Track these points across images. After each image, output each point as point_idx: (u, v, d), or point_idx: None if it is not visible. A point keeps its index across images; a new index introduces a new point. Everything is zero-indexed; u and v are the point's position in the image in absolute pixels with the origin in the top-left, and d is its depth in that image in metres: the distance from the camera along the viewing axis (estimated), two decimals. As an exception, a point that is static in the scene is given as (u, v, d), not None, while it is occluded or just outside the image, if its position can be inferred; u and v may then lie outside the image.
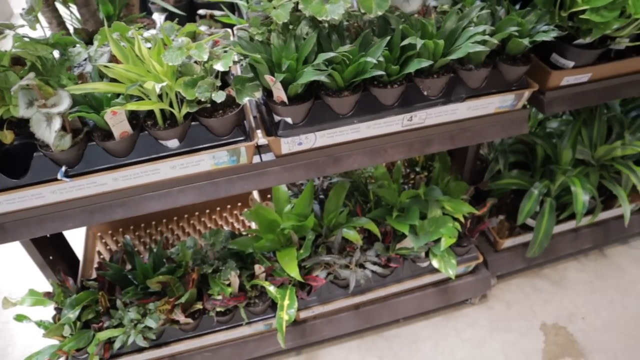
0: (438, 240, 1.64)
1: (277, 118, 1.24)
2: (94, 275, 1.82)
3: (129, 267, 1.74)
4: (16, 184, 1.17)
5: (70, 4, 1.76)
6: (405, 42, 1.16)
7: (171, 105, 1.15)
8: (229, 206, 2.11)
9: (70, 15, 1.88)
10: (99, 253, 1.94)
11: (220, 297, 1.55)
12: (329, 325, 1.78)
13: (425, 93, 1.29)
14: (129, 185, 1.24)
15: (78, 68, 1.27)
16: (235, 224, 2.07)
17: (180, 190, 1.28)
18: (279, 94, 1.18)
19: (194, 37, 1.32)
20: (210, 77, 1.12)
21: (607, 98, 1.55)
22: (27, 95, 1.10)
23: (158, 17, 2.81)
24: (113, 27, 1.16)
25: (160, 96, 1.14)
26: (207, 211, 2.09)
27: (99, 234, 2.02)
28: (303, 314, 1.74)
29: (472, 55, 1.29)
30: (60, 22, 1.76)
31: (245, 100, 1.14)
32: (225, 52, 1.13)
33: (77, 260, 1.85)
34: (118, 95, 1.16)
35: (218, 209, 2.09)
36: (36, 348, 1.54)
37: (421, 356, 1.79)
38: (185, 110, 1.15)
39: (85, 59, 1.25)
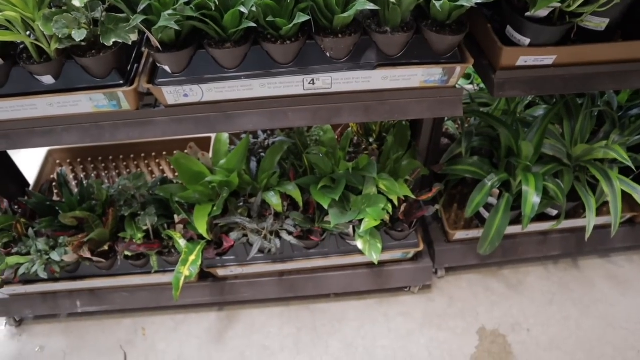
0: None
1: (158, 65, 1.15)
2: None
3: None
4: None
5: None
6: (282, -9, 1.01)
7: (42, 38, 1.09)
8: (185, 151, 2.06)
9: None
10: (52, 179, 1.98)
11: (127, 241, 1.53)
12: (250, 287, 1.73)
13: (327, 54, 1.14)
14: (8, 118, 1.21)
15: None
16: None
17: (64, 129, 1.23)
18: (152, 38, 1.08)
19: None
20: (75, 12, 1.04)
21: (576, 88, 1.30)
22: None
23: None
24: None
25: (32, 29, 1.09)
26: (164, 153, 2.06)
27: (57, 161, 2.06)
28: (222, 272, 1.69)
29: (388, 16, 1.11)
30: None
31: (111, 42, 1.06)
32: (90, -15, 1.04)
33: (27, 184, 1.90)
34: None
35: (175, 151, 2.05)
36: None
37: (340, 336, 1.70)
38: (54, 45, 1.09)
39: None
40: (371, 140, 1.81)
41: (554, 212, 1.72)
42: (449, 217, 1.79)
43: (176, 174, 2.01)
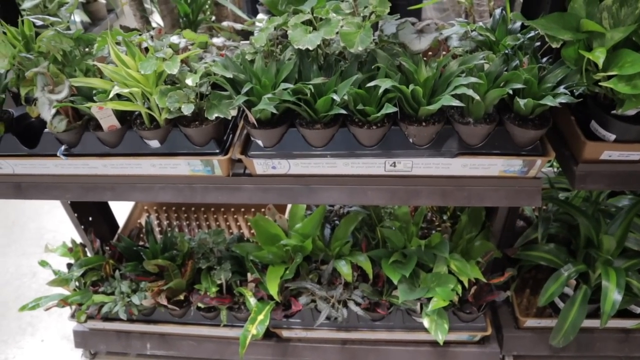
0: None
1: (252, 138, 1.25)
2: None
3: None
4: (28, 152, 1.35)
5: (154, -1, 1.94)
6: (373, 83, 1.08)
7: (155, 108, 1.23)
8: (262, 209, 2.16)
9: (152, 8, 2.08)
10: (140, 225, 2.14)
11: (201, 293, 1.61)
12: (312, 351, 1.75)
13: (410, 140, 1.19)
14: (117, 173, 1.35)
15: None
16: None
17: (161, 187, 1.36)
18: (250, 115, 1.18)
19: (206, 47, 1.38)
20: (186, 89, 1.17)
21: (666, 187, 1.27)
22: (42, 80, 1.26)
23: (264, 18, 2.94)
24: (114, 32, 1.26)
25: (147, 99, 1.23)
26: (242, 210, 2.17)
27: (145, 207, 2.22)
28: (286, 333, 1.73)
29: (472, 108, 1.16)
30: (142, 16, 1.96)
31: (214, 117, 1.17)
32: (200, 70, 1.17)
33: (117, 227, 2.06)
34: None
35: (252, 210, 2.16)
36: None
37: (398, 414, 1.66)
38: (165, 115, 1.22)
39: (108, 54, 1.38)
40: (445, 217, 1.82)
41: (638, 310, 1.63)
42: (520, 302, 1.74)
43: (252, 231, 2.10)
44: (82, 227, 1.82)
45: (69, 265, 1.72)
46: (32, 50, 1.35)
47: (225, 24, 1.45)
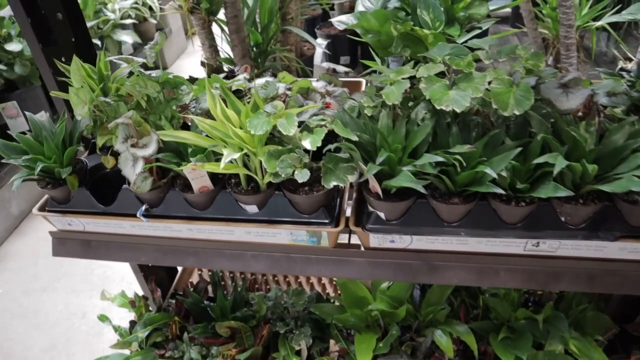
0: (550, 384, 1.31)
1: (370, 208, 1.07)
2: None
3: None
4: (103, 210, 1.19)
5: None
6: (542, 159, 0.89)
7: (258, 170, 1.05)
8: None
9: (222, 38, 1.91)
10: (199, 269, 1.96)
11: (281, 365, 1.44)
12: None
13: (562, 219, 1.00)
14: (203, 238, 1.18)
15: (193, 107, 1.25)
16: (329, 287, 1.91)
17: (253, 255, 1.18)
18: (374, 184, 1.00)
19: (307, 93, 1.21)
20: (298, 151, 0.99)
21: None
22: (125, 131, 1.09)
23: (321, 43, 2.79)
24: (212, 78, 1.09)
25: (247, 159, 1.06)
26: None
27: (203, 249, 2.05)
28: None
29: (642, 186, 0.97)
30: (212, 45, 1.80)
31: (332, 185, 0.99)
32: (321, 126, 0.99)
33: (176, 272, 1.89)
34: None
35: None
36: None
37: None
38: (268, 179, 1.04)
39: (192, 100, 1.21)
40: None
41: None
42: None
43: (333, 286, 1.91)
44: (142, 274, 1.66)
45: (132, 324, 1.55)
46: (109, 93, 1.19)
47: (324, 64, 1.27)
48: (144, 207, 1.15)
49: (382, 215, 1.05)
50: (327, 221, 1.08)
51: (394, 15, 1.25)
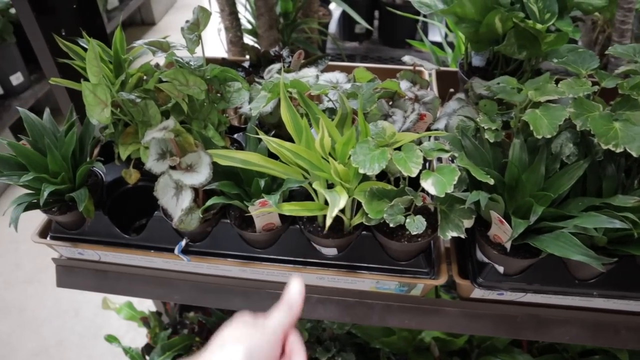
0: None
1: (481, 257, 0.85)
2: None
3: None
4: (128, 241, 0.92)
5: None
6: None
7: (348, 209, 0.80)
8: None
9: (245, 7, 1.59)
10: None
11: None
12: None
13: None
14: (258, 279, 0.94)
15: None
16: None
17: (319, 300, 0.95)
18: (500, 234, 0.78)
19: (392, 98, 0.94)
20: (410, 190, 0.75)
21: None
22: (161, 144, 0.82)
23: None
24: (290, 84, 0.81)
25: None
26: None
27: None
28: None
29: None
30: (232, 11, 1.48)
31: (450, 236, 0.76)
32: (446, 165, 0.74)
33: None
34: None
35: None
36: None
37: None
38: (359, 220, 0.80)
39: (245, 101, 0.92)
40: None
41: None
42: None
43: None
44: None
45: (148, 349, 1.31)
46: (127, 86, 0.90)
47: (406, 58, 1.00)
48: (184, 242, 0.89)
49: (499, 269, 0.83)
50: (425, 270, 0.86)
51: (495, 2, 0.97)
